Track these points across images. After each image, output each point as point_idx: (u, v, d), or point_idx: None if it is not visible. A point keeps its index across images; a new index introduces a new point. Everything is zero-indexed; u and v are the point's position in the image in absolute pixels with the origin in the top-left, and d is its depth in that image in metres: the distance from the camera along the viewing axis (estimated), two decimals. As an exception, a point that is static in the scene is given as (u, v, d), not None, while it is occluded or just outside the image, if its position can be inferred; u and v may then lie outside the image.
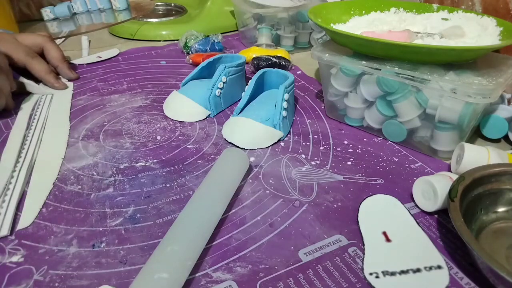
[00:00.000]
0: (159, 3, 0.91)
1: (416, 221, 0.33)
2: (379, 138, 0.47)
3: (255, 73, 0.50)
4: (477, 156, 0.37)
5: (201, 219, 0.31)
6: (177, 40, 0.73)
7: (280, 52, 0.67)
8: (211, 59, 0.55)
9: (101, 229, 0.34)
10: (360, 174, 0.40)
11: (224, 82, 0.51)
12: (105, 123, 0.49)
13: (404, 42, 0.41)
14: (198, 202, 0.33)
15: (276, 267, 0.30)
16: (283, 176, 0.40)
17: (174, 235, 0.30)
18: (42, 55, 0.59)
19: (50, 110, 0.52)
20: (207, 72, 0.54)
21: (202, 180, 0.36)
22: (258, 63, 0.61)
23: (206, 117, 0.51)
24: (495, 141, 0.46)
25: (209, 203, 0.33)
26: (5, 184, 0.38)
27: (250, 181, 0.39)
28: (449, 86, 0.38)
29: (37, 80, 0.57)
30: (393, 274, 0.29)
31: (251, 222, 0.34)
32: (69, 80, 0.60)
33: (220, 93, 0.50)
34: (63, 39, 0.78)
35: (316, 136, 0.47)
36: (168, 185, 0.39)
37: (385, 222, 0.33)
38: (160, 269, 0.27)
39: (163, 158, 0.43)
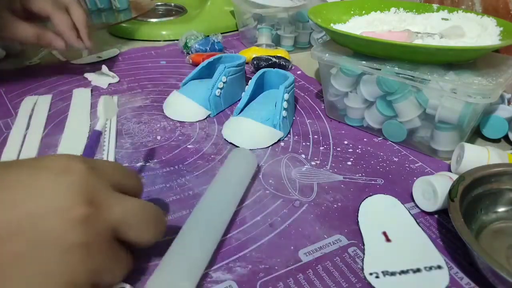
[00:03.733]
0: (159, 3, 0.91)
1: (416, 221, 0.33)
2: (379, 138, 0.47)
3: (255, 73, 0.50)
4: (477, 156, 0.37)
5: (216, 225, 0.32)
6: (177, 40, 0.73)
7: (280, 52, 0.67)
8: (211, 59, 0.55)
9: (101, 229, 0.34)
10: (360, 174, 0.40)
11: (224, 82, 0.51)
12: (105, 123, 0.49)
13: (404, 42, 0.41)
14: (215, 205, 0.33)
15: (276, 267, 0.30)
16: (283, 176, 0.40)
17: (195, 239, 0.29)
18: None
19: (71, 106, 0.52)
20: (207, 72, 0.54)
21: (214, 179, 0.36)
22: (258, 63, 0.61)
23: (206, 117, 0.51)
24: (495, 141, 0.46)
25: (224, 207, 0.33)
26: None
27: (250, 181, 0.39)
28: (449, 86, 0.38)
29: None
30: (393, 274, 0.29)
31: (251, 222, 0.34)
32: (85, 48, 0.58)
33: (220, 93, 0.50)
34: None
35: (316, 136, 0.47)
36: (168, 185, 0.39)
37: (385, 222, 0.33)
38: (184, 277, 0.27)
39: (163, 158, 0.43)
